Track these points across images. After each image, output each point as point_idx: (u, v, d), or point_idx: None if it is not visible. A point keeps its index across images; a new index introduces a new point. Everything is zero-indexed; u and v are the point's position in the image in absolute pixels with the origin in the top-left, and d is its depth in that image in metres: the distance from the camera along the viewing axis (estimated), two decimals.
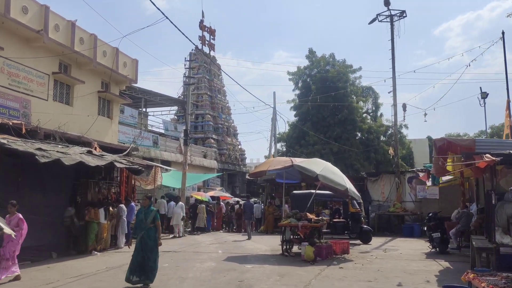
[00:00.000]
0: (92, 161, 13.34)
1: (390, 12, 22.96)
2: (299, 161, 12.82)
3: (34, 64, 15.39)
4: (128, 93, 26.19)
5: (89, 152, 14.47)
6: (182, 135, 29.53)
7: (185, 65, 20.71)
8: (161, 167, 20.94)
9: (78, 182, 14.97)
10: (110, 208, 15.20)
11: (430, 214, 14.56)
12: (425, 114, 22.38)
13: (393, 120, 22.93)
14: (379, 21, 23.50)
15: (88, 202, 15.06)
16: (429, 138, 51.96)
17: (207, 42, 39.27)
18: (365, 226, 16.91)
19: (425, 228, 14.90)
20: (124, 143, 20.82)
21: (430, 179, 14.73)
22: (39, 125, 14.72)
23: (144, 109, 30.72)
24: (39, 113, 15.19)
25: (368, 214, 21.08)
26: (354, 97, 40.57)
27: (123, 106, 25.31)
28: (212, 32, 39.71)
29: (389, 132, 41.16)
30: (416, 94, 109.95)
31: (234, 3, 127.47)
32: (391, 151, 23.92)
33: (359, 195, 13.23)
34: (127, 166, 14.99)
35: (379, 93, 45.40)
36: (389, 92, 23.02)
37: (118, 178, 17.50)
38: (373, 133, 39.79)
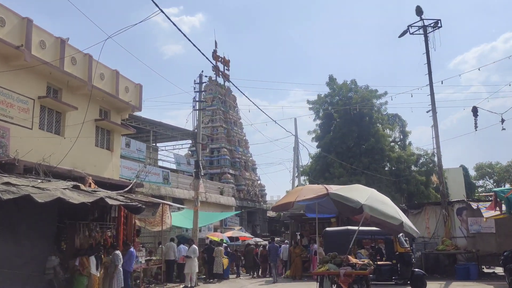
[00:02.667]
0: (76, 198, 10.71)
1: (423, 22, 20.41)
2: (336, 188, 9.93)
3: (15, 87, 13.10)
4: (135, 125, 23.89)
5: (76, 188, 11.89)
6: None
7: (194, 89, 18.14)
8: (169, 204, 18.23)
9: (63, 225, 12.35)
10: (103, 256, 12.46)
11: (506, 253, 11.43)
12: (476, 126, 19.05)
13: (434, 142, 19.91)
14: (410, 33, 20.96)
15: (76, 249, 12.41)
16: (463, 168, 48.35)
17: (221, 73, 37.21)
18: (416, 269, 13.72)
19: (503, 270, 11.68)
20: (129, 180, 18.25)
21: (504, 206, 11.64)
22: (18, 156, 12.28)
23: (154, 144, 28.36)
24: (21, 144, 12.76)
25: (413, 254, 17.90)
26: (380, 126, 37.70)
27: (129, 139, 22.98)
28: (226, 62, 37.71)
29: (421, 161, 37.96)
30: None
31: (247, 43, 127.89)
32: (434, 178, 20.85)
33: (417, 231, 10.19)
34: (122, 203, 12.29)
35: (406, 121, 42.33)
36: (427, 112, 20.16)
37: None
38: (403, 162, 36.55)
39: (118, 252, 12.89)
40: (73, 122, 15.30)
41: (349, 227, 13.62)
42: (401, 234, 12.77)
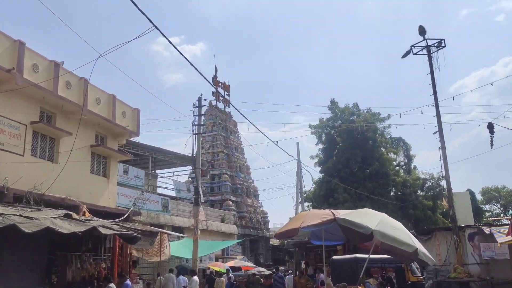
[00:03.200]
0: (66, 227, 10.03)
1: (427, 42, 20.04)
2: (343, 213, 9.21)
3: (7, 112, 12.60)
4: (133, 151, 23.33)
5: (68, 216, 11.24)
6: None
7: (193, 112, 17.63)
8: (168, 233, 17.42)
9: (54, 257, 11.62)
10: None
11: None
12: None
13: (442, 165, 19.21)
14: (413, 54, 20.56)
15: (67, 282, 11.67)
16: (470, 192, 47.38)
17: (221, 98, 36.91)
18: None
19: None
20: (127, 208, 17.54)
21: None
22: (7, 184, 11.68)
23: (153, 171, 27.73)
24: (11, 171, 12.16)
25: (425, 282, 16.98)
26: (383, 149, 37.08)
27: (127, 166, 22.37)
28: (226, 87, 37.50)
29: (427, 185, 37.14)
30: (436, 152, 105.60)
31: (248, 71, 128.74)
32: (444, 203, 20.05)
33: (432, 258, 9.42)
34: (117, 232, 11.57)
35: (411, 144, 41.73)
36: (434, 133, 19.56)
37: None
38: (409, 187, 35.73)
39: (112, 285, 12.06)
40: (67, 148, 14.70)
41: (358, 255, 12.83)
42: (413, 262, 11.98)
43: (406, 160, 41.68)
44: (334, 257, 13.54)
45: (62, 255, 11.64)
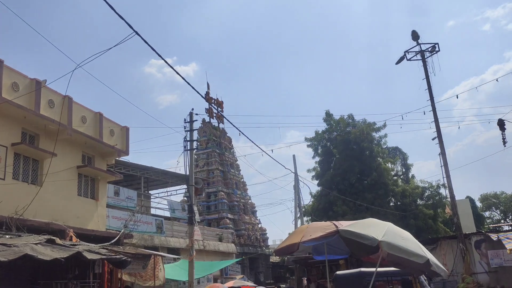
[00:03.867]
0: (48, 254, 9.30)
1: (421, 47, 19.62)
2: (346, 224, 8.56)
3: None
4: (124, 171, 22.59)
5: (51, 242, 10.49)
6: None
7: (185, 128, 17.00)
8: (161, 255, 16.64)
9: (37, 287, 10.82)
10: None
11: None
12: None
13: (443, 170, 18.60)
14: (407, 59, 20.13)
15: None
16: (470, 199, 46.67)
17: (214, 115, 36.32)
18: None
19: None
20: (118, 231, 16.71)
21: None
22: None
23: (147, 191, 26.94)
24: None
25: None
26: (380, 160, 36.47)
27: (118, 187, 21.59)
28: (219, 103, 36.93)
29: (427, 193, 36.45)
30: (431, 161, 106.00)
31: (241, 89, 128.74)
32: (447, 210, 19.41)
33: (445, 269, 8.72)
34: (103, 256, 10.81)
35: (407, 153, 41.21)
36: (433, 139, 19.01)
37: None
38: (408, 196, 35.04)
39: None
40: (52, 170, 13.99)
41: (363, 269, 12.07)
42: (423, 274, 11.25)
43: (403, 170, 41.16)
44: (338, 272, 12.77)
45: (46, 284, 10.83)
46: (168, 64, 9.70)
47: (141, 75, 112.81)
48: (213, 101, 36.32)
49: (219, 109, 37.07)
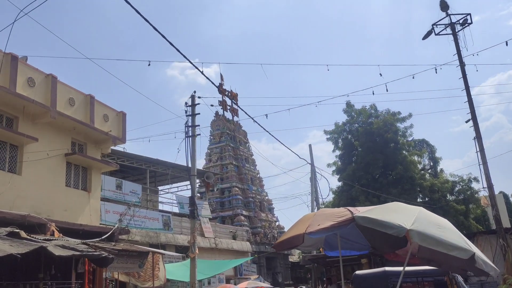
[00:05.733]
0: (3, 249, 7.74)
1: (450, 19, 17.44)
2: (363, 210, 6.66)
3: None
4: (128, 164, 21.08)
5: (13, 235, 8.94)
6: (202, 212, 23.77)
7: (186, 112, 15.30)
8: (160, 253, 14.99)
9: None
10: None
11: None
12: None
13: (479, 156, 16.39)
14: (435, 34, 17.98)
15: None
16: (504, 194, 43.64)
17: (228, 107, 34.55)
18: None
19: None
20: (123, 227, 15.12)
21: None
22: None
23: (155, 187, 25.42)
24: None
25: None
26: (406, 152, 34.06)
27: (121, 180, 20.09)
28: (234, 96, 35.09)
29: (457, 188, 33.87)
30: (457, 160, 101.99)
31: (261, 91, 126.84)
32: (484, 201, 17.17)
33: (495, 267, 6.71)
34: (78, 252, 9.16)
35: (435, 146, 38.57)
36: (467, 121, 16.82)
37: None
38: (437, 191, 32.54)
39: None
40: (35, 157, 12.51)
41: (387, 268, 10.11)
42: (467, 273, 9.24)
43: (431, 163, 38.57)
44: (357, 272, 10.82)
45: (11, 285, 9.26)
46: (179, 52, 8.01)
47: (163, 78, 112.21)
48: (227, 93, 34.55)
49: (233, 102, 35.30)
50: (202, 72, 11.79)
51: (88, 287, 10.73)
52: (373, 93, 20.37)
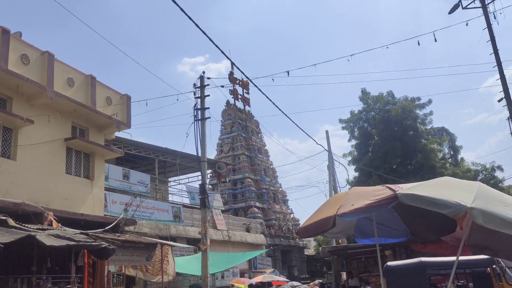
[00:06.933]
0: None
1: None
2: (407, 187, 5.42)
3: None
4: (135, 153, 20.08)
5: (1, 224, 7.94)
6: (214, 203, 22.71)
7: (194, 94, 14.20)
8: (170, 244, 13.96)
9: None
10: None
11: None
12: None
13: None
14: (463, 7, 16.62)
15: None
16: None
17: (240, 96, 33.40)
18: None
19: None
20: (124, 218, 14.09)
21: None
22: None
23: (164, 177, 24.43)
24: None
25: None
26: (425, 141, 32.61)
27: (127, 170, 19.10)
28: (245, 85, 33.90)
29: (480, 177, 32.36)
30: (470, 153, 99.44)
31: (271, 87, 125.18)
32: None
33: None
34: (73, 243, 8.12)
35: (455, 134, 37.09)
36: (499, 100, 15.48)
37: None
38: None
39: None
40: (32, 141, 11.53)
41: (423, 259, 8.93)
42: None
43: (451, 152, 37.11)
44: (389, 263, 9.62)
45: (1, 279, 8.26)
46: (210, 39, 6.84)
47: (174, 74, 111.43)
48: (238, 82, 33.37)
49: (244, 90, 34.13)
50: (227, 56, 10.76)
51: (88, 281, 9.69)
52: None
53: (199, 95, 14.65)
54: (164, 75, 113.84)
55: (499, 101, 15.46)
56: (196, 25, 9.13)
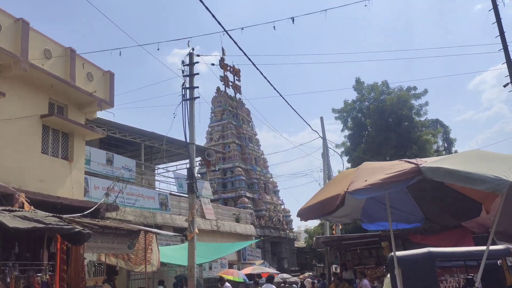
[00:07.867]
0: None
1: None
2: (433, 160, 4.54)
3: None
4: (120, 136, 19.08)
5: None
6: (203, 192, 21.80)
7: (183, 72, 13.20)
8: (154, 232, 13.05)
9: None
10: None
11: None
12: None
13: None
14: None
15: None
16: None
17: (230, 84, 32.47)
18: None
19: None
20: (107, 204, 13.10)
21: None
22: None
23: (150, 164, 23.43)
24: None
25: None
26: (419, 133, 31.97)
27: (111, 154, 18.09)
28: (236, 72, 33.00)
29: None
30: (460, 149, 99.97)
31: (262, 80, 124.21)
32: None
33: None
34: (42, 225, 7.16)
35: (450, 127, 36.57)
36: (505, 86, 14.74)
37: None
38: None
39: None
40: (3, 116, 10.50)
41: (432, 249, 8.11)
42: None
43: (445, 145, 36.57)
44: (396, 253, 8.81)
45: None
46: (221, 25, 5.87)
47: (161, 66, 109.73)
48: (229, 68, 32.41)
49: (235, 78, 33.19)
50: (226, 32, 9.80)
51: (62, 269, 8.73)
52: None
53: (188, 73, 13.62)
54: (154, 65, 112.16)
55: (504, 86, 14.72)
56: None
